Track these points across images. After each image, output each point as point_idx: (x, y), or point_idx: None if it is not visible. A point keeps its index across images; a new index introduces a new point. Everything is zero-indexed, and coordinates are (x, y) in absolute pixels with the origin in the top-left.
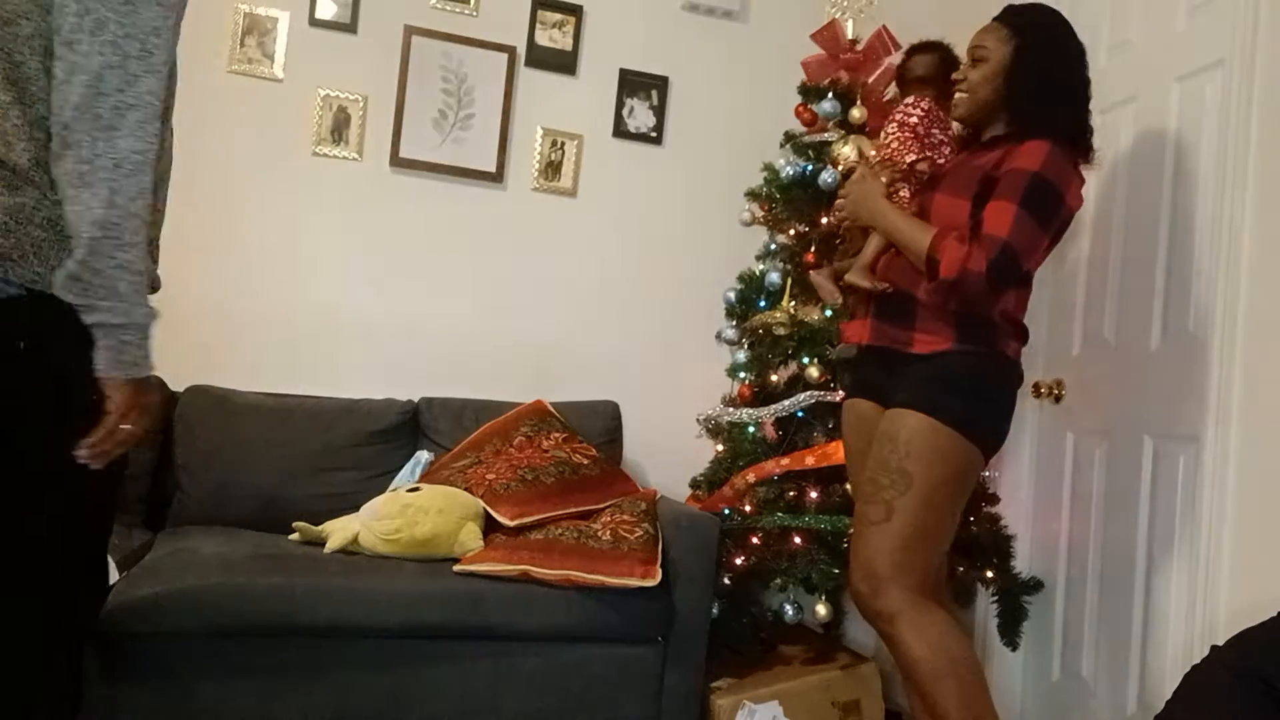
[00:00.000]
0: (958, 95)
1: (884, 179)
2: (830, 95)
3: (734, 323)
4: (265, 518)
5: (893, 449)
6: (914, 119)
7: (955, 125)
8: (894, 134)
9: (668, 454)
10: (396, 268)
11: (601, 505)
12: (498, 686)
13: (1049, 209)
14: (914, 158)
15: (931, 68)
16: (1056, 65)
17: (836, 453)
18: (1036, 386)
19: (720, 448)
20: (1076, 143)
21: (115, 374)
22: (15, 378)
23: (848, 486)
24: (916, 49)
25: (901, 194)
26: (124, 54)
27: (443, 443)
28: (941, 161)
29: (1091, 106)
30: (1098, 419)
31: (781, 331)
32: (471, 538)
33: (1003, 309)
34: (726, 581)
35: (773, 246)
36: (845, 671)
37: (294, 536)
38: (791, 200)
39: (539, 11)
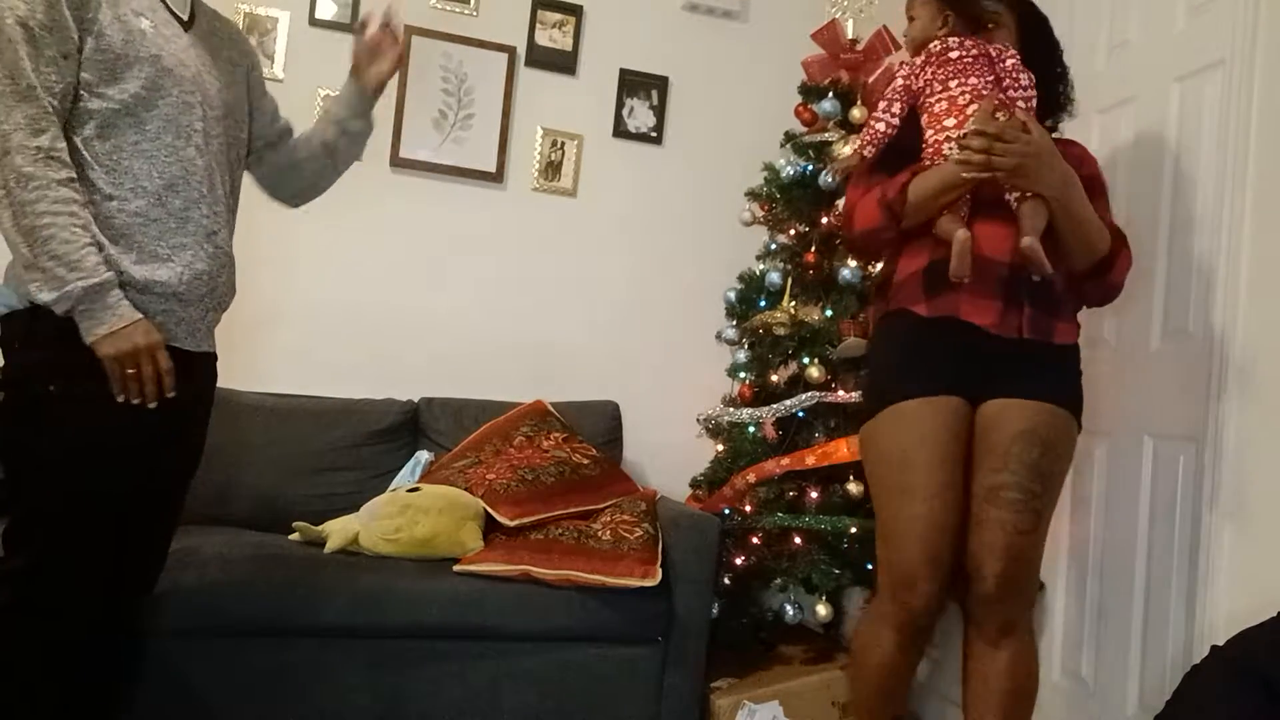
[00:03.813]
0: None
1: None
2: (830, 95)
3: (734, 323)
4: (265, 518)
5: (1044, 452)
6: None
7: None
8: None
9: (668, 454)
10: (396, 268)
11: (601, 505)
12: (498, 686)
13: None
14: None
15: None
16: (1056, 48)
17: (836, 452)
18: None
19: (720, 448)
20: None
21: (88, 337)
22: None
23: (849, 487)
24: None
25: None
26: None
27: (443, 443)
28: None
29: (1091, 106)
30: (1098, 419)
31: (781, 331)
32: (471, 538)
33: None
34: (726, 581)
35: (773, 246)
36: (845, 671)
37: (294, 536)
38: (791, 200)
39: (539, 11)
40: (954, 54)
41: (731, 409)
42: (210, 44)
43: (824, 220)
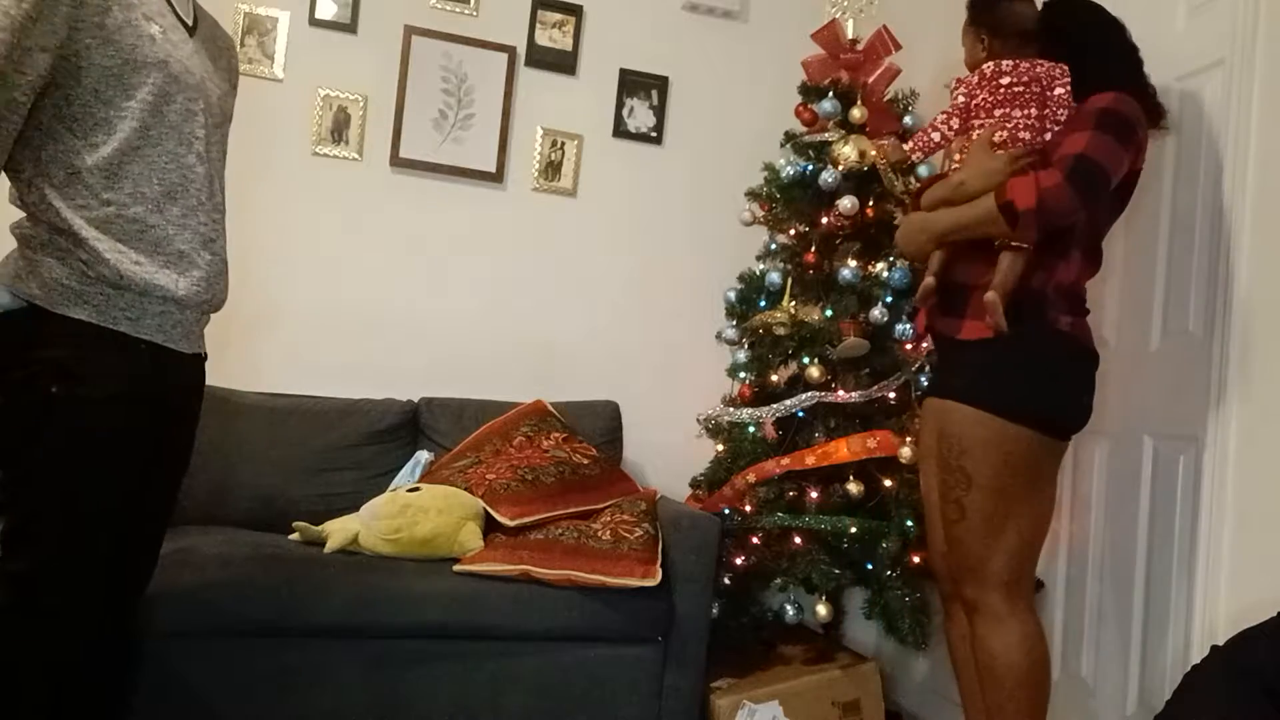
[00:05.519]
0: None
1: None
2: (830, 95)
3: (734, 323)
4: (265, 518)
5: (949, 446)
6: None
7: None
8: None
9: (668, 454)
10: (396, 267)
11: (601, 505)
12: (498, 686)
13: (1124, 131)
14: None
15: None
16: (1085, 20)
17: (837, 452)
18: None
19: (720, 448)
20: (1139, 100)
21: None
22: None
23: (849, 487)
24: None
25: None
26: None
27: (443, 443)
28: None
29: None
30: (1098, 419)
31: (781, 331)
32: (471, 538)
33: (1057, 280)
34: (726, 581)
35: (773, 246)
36: (845, 671)
37: (294, 536)
38: (791, 200)
39: (539, 11)
40: (1005, 79)
41: (731, 409)
42: (210, 50)
43: (824, 220)
